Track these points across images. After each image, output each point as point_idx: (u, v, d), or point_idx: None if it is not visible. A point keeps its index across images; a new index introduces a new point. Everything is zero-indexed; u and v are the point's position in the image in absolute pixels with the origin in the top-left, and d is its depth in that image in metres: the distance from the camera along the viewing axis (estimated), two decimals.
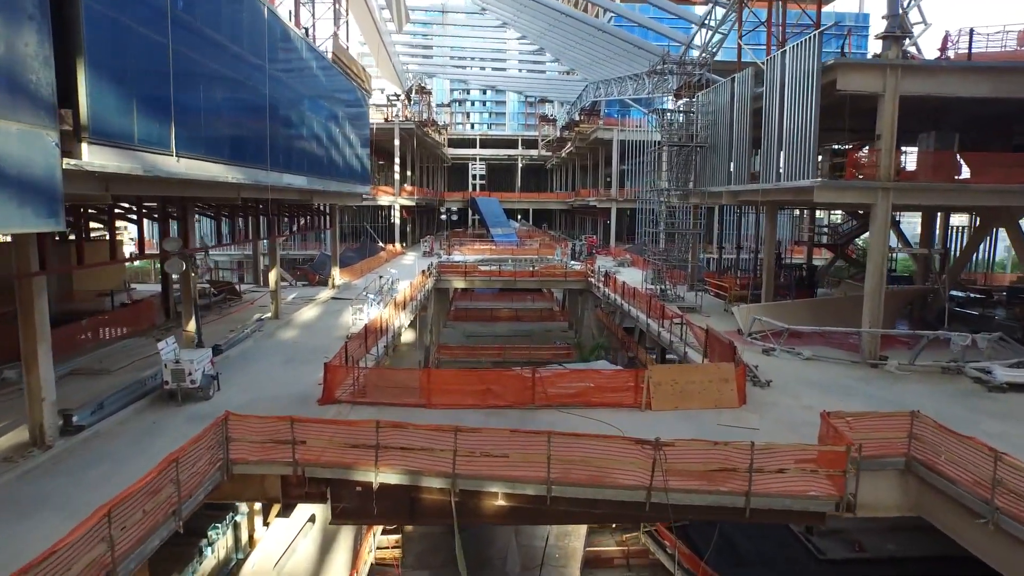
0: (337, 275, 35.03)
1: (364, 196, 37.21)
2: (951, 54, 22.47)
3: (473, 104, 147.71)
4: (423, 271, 35.08)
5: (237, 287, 30.47)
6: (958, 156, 20.01)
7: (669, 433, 12.98)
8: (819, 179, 18.02)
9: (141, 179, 11.88)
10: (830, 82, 18.02)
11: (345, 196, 30.53)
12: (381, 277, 30.79)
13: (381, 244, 56.99)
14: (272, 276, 25.45)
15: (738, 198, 25.59)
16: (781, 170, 20.53)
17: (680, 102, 30.02)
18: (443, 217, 58.35)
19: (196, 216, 23.77)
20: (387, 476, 11.08)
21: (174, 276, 22.99)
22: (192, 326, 18.49)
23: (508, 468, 10.77)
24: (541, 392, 14.76)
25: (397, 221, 57.95)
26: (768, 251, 25.47)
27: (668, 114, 30.24)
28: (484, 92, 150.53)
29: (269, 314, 25.59)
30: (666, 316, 23.44)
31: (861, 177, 18.42)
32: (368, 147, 34.72)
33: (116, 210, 22.88)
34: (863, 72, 17.69)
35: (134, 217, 25.37)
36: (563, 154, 78.80)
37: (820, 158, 19.24)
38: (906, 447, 11.35)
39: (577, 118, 66.36)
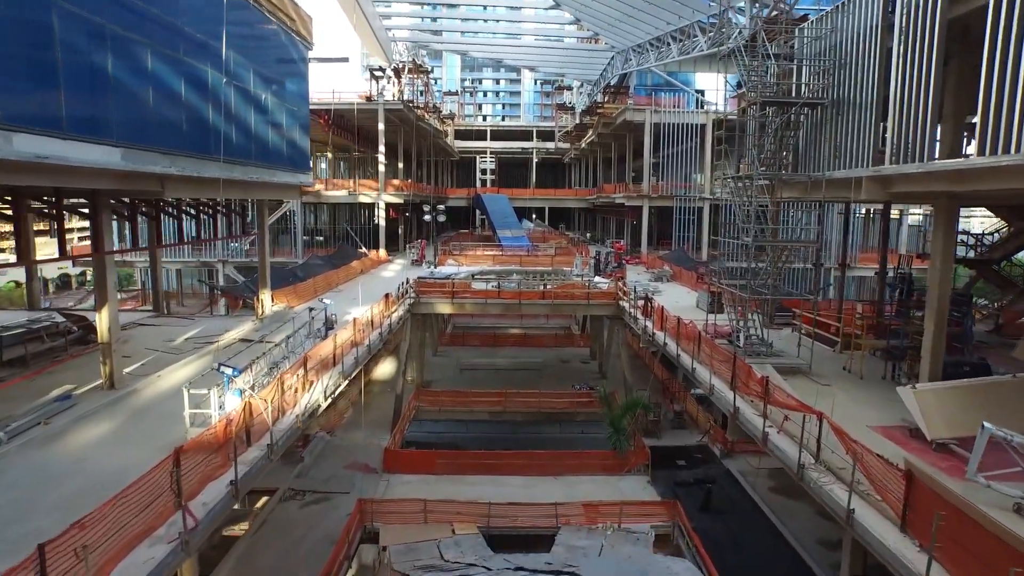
0: (268, 300, 24.83)
1: (305, 188, 26.80)
2: None
3: (485, 95, 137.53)
4: (387, 295, 24.72)
5: (95, 322, 20.28)
6: None
7: None
8: None
9: None
10: None
11: (253, 187, 20.13)
12: (311, 309, 20.49)
13: (364, 250, 46.89)
14: (102, 318, 15.27)
15: (891, 188, 14.67)
16: None
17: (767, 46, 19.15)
18: (426, 218, 47.69)
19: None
20: None
21: None
22: None
23: None
24: None
25: (382, 222, 47.71)
26: (940, 280, 14.56)
27: (747, 58, 19.32)
28: (497, 83, 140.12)
29: (101, 379, 15.47)
30: (774, 401, 12.91)
31: None
32: (305, 121, 24.43)
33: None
34: None
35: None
36: (583, 144, 67.77)
37: None
38: None
39: (600, 99, 55.30)
